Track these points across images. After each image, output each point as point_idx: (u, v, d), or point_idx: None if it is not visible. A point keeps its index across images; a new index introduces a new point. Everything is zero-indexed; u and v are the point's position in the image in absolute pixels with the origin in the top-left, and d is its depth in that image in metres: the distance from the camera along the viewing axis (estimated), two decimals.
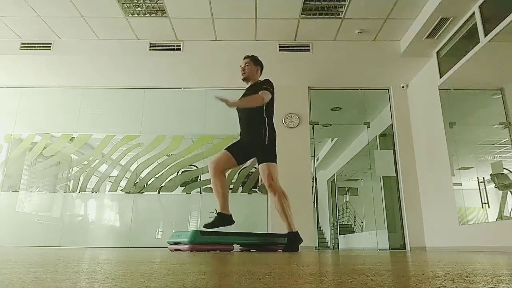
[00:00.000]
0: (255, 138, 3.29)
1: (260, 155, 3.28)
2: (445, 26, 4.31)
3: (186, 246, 2.91)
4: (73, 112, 5.73)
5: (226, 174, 3.52)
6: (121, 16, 4.60)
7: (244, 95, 3.44)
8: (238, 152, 3.32)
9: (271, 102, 3.35)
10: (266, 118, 3.32)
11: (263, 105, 3.27)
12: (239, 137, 3.47)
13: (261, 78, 3.55)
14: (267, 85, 3.33)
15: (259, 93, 3.23)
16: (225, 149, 3.38)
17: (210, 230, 3.17)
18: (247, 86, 3.53)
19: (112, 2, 4.33)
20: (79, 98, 5.79)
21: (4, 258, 1.52)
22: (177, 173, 5.53)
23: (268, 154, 3.27)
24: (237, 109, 3.42)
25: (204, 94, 5.77)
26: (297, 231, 3.22)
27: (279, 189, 3.21)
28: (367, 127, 6.11)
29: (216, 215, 3.24)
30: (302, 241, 3.26)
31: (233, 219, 3.31)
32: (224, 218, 3.23)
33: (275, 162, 3.28)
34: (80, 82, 5.73)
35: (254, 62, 3.53)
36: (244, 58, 3.56)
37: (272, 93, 3.33)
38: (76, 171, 5.58)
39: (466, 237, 4.23)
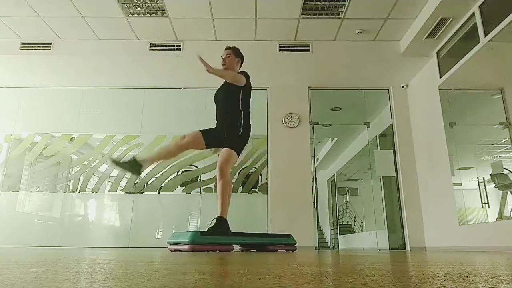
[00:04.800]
0: (230, 127, 3.33)
1: (228, 142, 3.27)
2: (445, 26, 4.31)
3: (186, 246, 2.91)
4: (73, 112, 5.73)
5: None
6: (121, 16, 4.60)
7: (222, 86, 3.49)
8: (209, 136, 3.34)
9: (247, 95, 3.42)
10: (242, 111, 3.35)
11: (239, 97, 3.35)
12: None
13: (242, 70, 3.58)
14: (243, 73, 3.42)
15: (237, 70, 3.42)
16: (199, 130, 3.41)
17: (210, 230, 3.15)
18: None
19: (112, 2, 4.33)
20: (79, 98, 5.78)
21: (4, 258, 1.51)
22: (177, 173, 5.53)
23: (236, 143, 3.28)
24: (214, 100, 3.51)
25: (204, 94, 5.77)
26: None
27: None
28: (367, 127, 6.11)
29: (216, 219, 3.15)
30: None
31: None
32: (224, 223, 3.15)
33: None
34: (80, 82, 5.72)
35: (235, 53, 3.53)
36: (226, 49, 3.54)
37: (248, 82, 3.39)
38: (76, 171, 5.58)
39: (466, 237, 4.23)
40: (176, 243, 3.07)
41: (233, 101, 3.36)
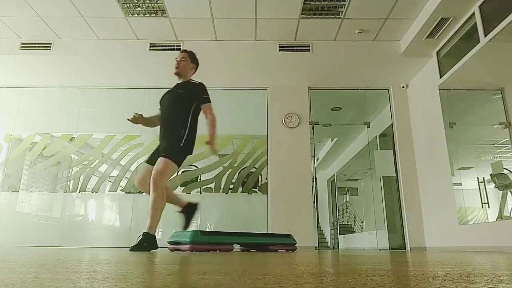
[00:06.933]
0: (171, 136, 3.06)
1: (166, 150, 2.99)
2: (445, 26, 4.31)
3: (186, 246, 2.91)
4: (73, 112, 5.73)
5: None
6: (121, 16, 4.60)
7: (172, 91, 3.25)
8: (156, 155, 3.04)
9: (199, 108, 3.18)
10: (190, 119, 3.10)
11: (191, 108, 3.12)
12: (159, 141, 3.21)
13: (195, 77, 3.36)
14: (207, 94, 3.16)
15: (208, 111, 3.11)
16: (145, 162, 3.16)
17: (210, 230, 3.16)
18: (178, 81, 3.30)
19: (112, 2, 4.33)
20: (79, 98, 5.79)
21: (4, 258, 1.51)
22: (177, 173, 5.52)
23: (174, 152, 2.97)
24: (160, 109, 3.28)
25: None
26: (155, 236, 2.83)
27: (160, 189, 2.85)
28: (367, 127, 6.11)
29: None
30: (156, 247, 2.83)
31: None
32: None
33: (176, 164, 2.96)
34: (80, 82, 5.73)
35: (191, 58, 3.30)
36: (181, 51, 3.32)
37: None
38: (76, 171, 5.58)
39: (466, 237, 4.23)
40: (176, 243, 3.08)
41: (181, 110, 3.10)
